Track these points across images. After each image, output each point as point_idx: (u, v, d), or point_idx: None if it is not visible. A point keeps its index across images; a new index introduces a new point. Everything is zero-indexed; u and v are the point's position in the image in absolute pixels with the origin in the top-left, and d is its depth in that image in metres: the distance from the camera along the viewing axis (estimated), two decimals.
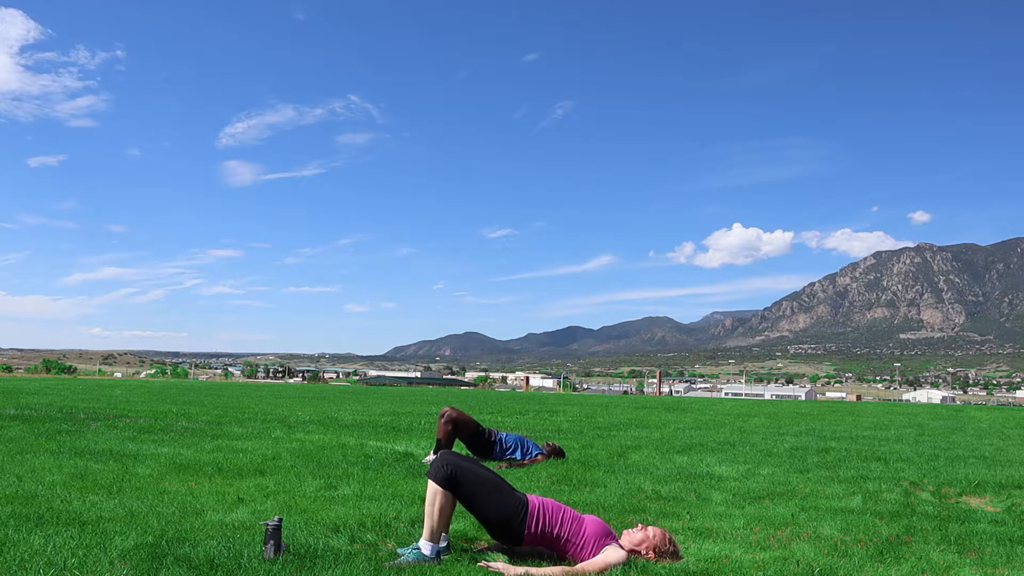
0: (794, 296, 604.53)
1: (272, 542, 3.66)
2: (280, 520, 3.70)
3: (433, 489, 3.86)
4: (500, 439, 7.93)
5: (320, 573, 3.43)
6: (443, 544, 3.92)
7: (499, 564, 3.70)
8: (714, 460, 8.41)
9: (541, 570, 3.69)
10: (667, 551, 3.93)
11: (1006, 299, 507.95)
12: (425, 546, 3.79)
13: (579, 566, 3.74)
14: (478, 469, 4.00)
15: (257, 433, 10.11)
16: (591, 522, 3.98)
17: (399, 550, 3.91)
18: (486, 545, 4.19)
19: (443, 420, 7.64)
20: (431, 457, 7.59)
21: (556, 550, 3.92)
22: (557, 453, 8.14)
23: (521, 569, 3.67)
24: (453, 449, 7.74)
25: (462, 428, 7.74)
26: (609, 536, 3.94)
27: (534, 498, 4.03)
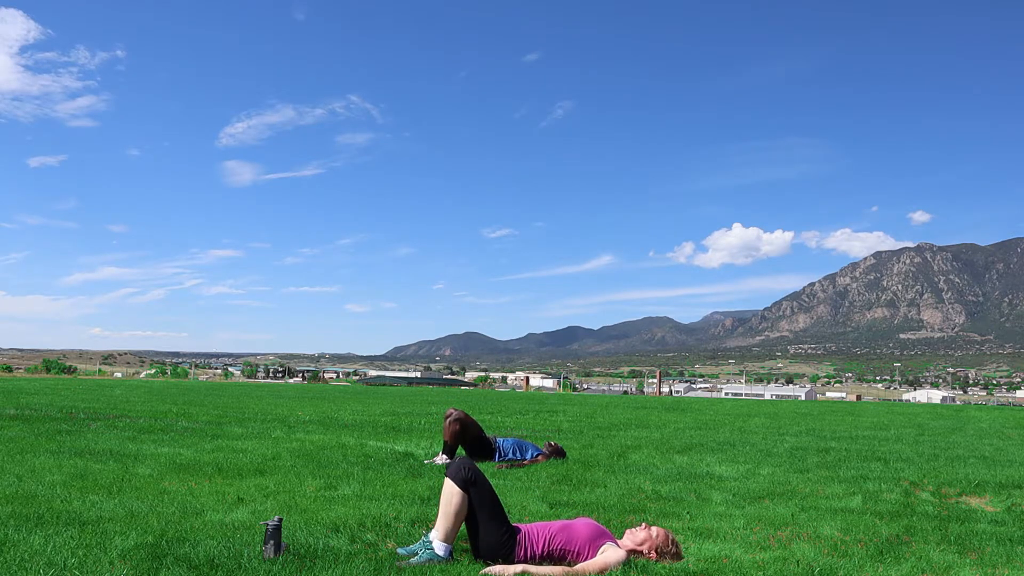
0: (794, 296, 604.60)
1: (272, 542, 3.66)
2: (280, 520, 3.70)
3: (451, 489, 3.85)
4: (499, 445, 7.92)
5: (320, 573, 3.43)
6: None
7: (497, 568, 3.69)
8: (714, 460, 8.42)
9: (540, 569, 3.70)
10: (668, 551, 3.92)
11: (1006, 299, 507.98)
12: (440, 547, 3.79)
13: (579, 567, 3.74)
14: (490, 487, 3.98)
15: (257, 433, 10.11)
16: (583, 525, 3.97)
17: (399, 550, 3.91)
18: None
19: (449, 420, 7.62)
20: (439, 459, 7.57)
21: (552, 561, 3.92)
22: (558, 453, 8.12)
23: (519, 567, 3.68)
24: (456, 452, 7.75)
25: (468, 431, 7.73)
26: (604, 536, 3.93)
27: (522, 527, 3.99)
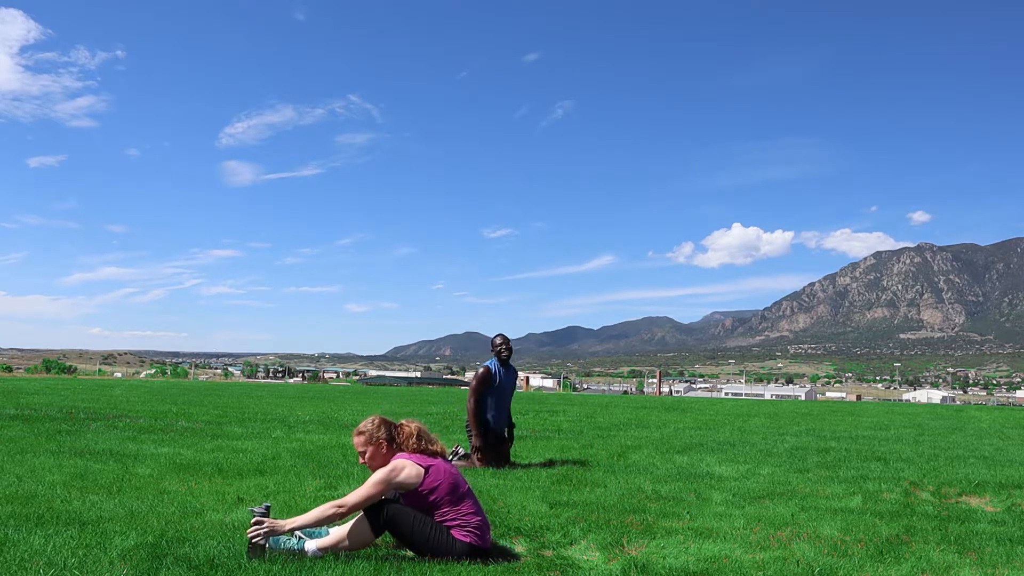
0: (794, 296, 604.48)
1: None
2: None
3: (365, 534, 3.82)
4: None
5: (320, 573, 3.43)
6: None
7: (268, 521, 3.68)
8: (714, 460, 8.41)
9: (306, 516, 3.74)
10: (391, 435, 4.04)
11: (1006, 299, 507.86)
12: (311, 545, 3.78)
13: (349, 495, 3.79)
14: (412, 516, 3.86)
15: (257, 433, 10.11)
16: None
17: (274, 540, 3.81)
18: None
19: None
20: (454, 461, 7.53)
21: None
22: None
23: (289, 522, 3.71)
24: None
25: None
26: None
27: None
